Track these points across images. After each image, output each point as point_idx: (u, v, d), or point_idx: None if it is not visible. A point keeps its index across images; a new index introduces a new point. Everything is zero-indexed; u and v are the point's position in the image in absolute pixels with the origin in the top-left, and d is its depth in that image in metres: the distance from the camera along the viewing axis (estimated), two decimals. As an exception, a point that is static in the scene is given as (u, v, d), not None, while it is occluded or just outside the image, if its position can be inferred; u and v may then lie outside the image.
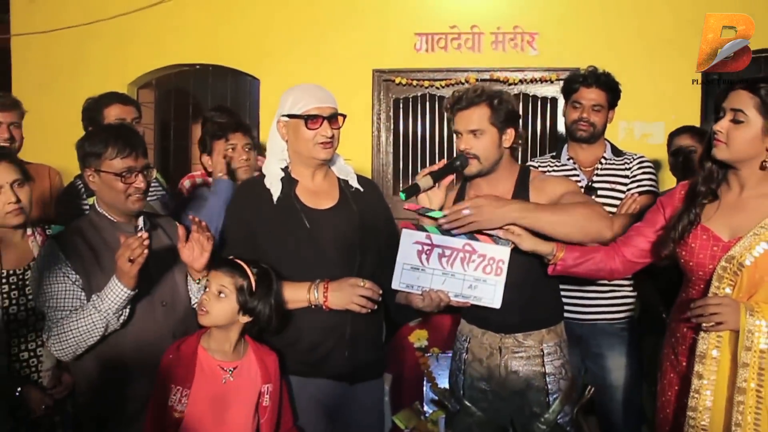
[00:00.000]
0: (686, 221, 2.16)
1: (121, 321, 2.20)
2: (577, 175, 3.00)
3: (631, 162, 3.01)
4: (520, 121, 2.57)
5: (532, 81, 5.10)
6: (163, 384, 2.14)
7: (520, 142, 2.51)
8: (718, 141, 2.08)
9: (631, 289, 2.97)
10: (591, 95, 2.98)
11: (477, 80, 5.10)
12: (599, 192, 2.94)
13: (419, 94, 5.26)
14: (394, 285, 2.35)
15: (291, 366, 2.37)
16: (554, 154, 3.18)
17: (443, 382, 3.30)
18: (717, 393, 2.05)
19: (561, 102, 5.11)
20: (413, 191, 2.37)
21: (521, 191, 2.46)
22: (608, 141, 3.11)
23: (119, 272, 2.12)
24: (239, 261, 2.22)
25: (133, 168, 2.29)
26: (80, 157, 2.34)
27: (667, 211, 2.28)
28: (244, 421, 2.19)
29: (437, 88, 5.19)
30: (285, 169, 2.45)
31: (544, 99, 5.19)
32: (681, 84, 4.78)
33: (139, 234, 2.14)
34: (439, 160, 5.23)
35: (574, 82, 3.03)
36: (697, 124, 4.25)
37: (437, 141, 5.31)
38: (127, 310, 2.22)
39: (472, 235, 2.33)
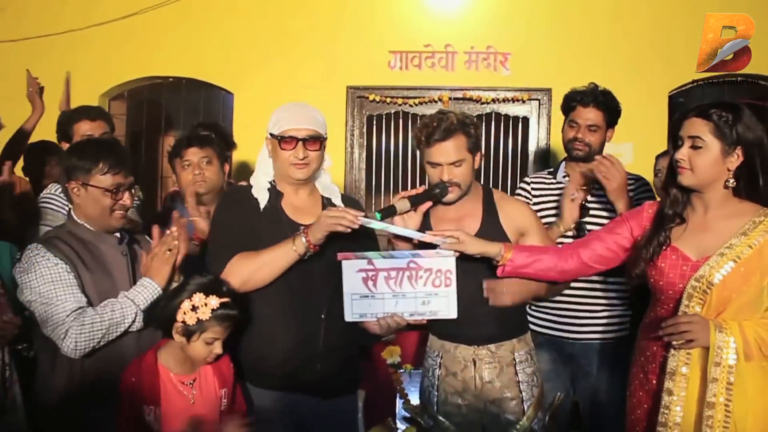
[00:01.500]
0: (656, 243, 2.21)
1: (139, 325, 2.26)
2: (572, 194, 2.93)
3: (633, 184, 2.97)
4: (491, 140, 2.62)
5: (505, 100, 5.17)
6: (131, 404, 2.13)
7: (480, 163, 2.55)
8: (683, 168, 2.15)
9: (624, 308, 2.94)
10: (588, 115, 2.94)
11: (450, 99, 5.16)
12: (591, 212, 2.91)
13: (393, 111, 5.30)
14: (347, 318, 2.33)
15: (263, 379, 2.38)
16: (551, 170, 3.18)
17: (416, 399, 3.31)
18: (686, 409, 2.10)
19: (532, 121, 5.20)
20: (389, 212, 2.36)
21: (490, 212, 2.51)
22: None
23: (153, 271, 2.25)
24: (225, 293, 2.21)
25: (122, 185, 2.31)
26: (66, 169, 2.33)
27: (632, 224, 2.33)
28: (213, 429, 2.21)
29: (411, 105, 5.23)
30: (272, 183, 2.49)
31: (516, 118, 5.25)
32: (649, 105, 4.91)
33: (169, 231, 2.25)
34: (412, 176, 5.31)
35: (572, 100, 2.99)
36: (665, 145, 4.34)
37: (410, 158, 5.34)
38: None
39: (414, 252, 2.34)
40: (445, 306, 2.32)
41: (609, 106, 2.98)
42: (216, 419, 2.23)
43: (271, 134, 2.42)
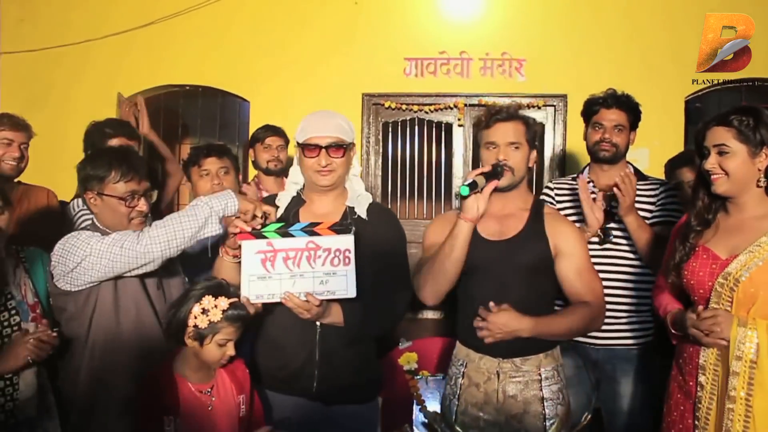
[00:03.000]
0: (683, 253, 2.27)
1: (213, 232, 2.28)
2: (588, 197, 2.91)
3: (657, 189, 2.98)
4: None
5: (520, 107, 5.15)
6: (150, 416, 2.13)
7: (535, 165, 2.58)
8: (716, 176, 2.19)
9: (649, 314, 2.91)
10: (612, 116, 2.97)
11: (465, 105, 5.16)
12: (616, 217, 2.88)
13: (408, 118, 5.31)
14: (244, 294, 2.31)
15: (265, 380, 2.43)
16: (575, 176, 3.17)
17: (433, 405, 3.31)
18: (717, 403, 2.12)
19: (548, 127, 5.19)
20: (474, 186, 2.30)
21: (536, 221, 2.49)
22: (631, 164, 3.07)
23: (240, 195, 2.29)
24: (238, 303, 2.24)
25: (136, 191, 2.33)
26: (81, 179, 2.36)
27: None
28: None
29: (426, 112, 5.24)
30: (299, 191, 2.53)
31: (532, 124, 5.23)
32: (665, 110, 4.88)
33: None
34: (428, 183, 5.32)
35: (594, 104, 3.02)
36: (681, 150, 4.32)
37: (425, 165, 5.35)
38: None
39: (312, 231, 2.32)
40: (344, 285, 2.30)
41: (631, 108, 3.01)
42: (235, 426, 2.24)
43: (297, 143, 2.44)
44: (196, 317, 2.16)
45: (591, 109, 3.03)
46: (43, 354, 2.21)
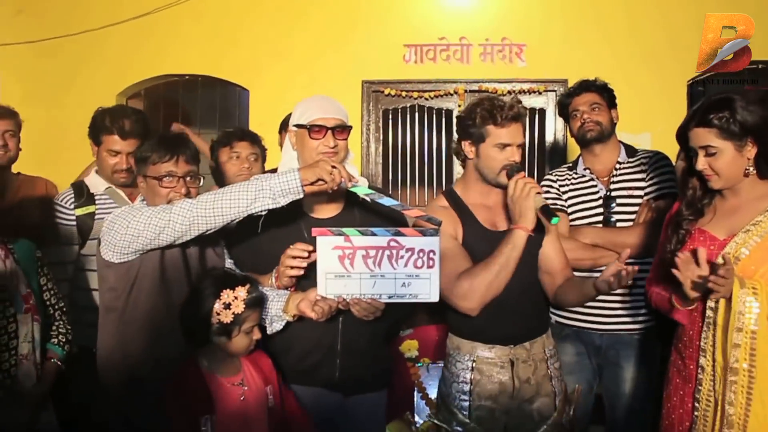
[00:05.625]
0: (676, 240, 2.28)
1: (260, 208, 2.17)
2: (595, 186, 2.99)
3: (646, 163, 2.99)
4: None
5: (521, 92, 5.13)
6: (185, 417, 2.09)
7: None
8: (709, 176, 2.20)
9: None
10: (584, 99, 3.00)
11: (466, 91, 5.14)
12: (618, 200, 2.93)
13: (408, 105, 5.29)
14: (320, 293, 2.24)
15: (283, 373, 2.38)
16: (569, 165, 3.17)
17: (433, 392, 3.31)
18: (717, 383, 2.12)
19: (549, 113, 5.16)
20: (550, 211, 2.25)
21: None
22: (622, 143, 3.10)
23: (304, 167, 2.16)
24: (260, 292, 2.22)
25: (174, 173, 2.31)
26: (134, 165, 2.42)
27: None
28: (263, 429, 2.21)
29: (426, 99, 5.22)
30: None
31: (532, 110, 5.21)
32: (667, 94, 4.87)
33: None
34: (429, 170, 5.31)
35: (567, 96, 3.08)
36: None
37: (426, 151, 5.34)
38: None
39: (396, 230, 2.23)
40: (427, 289, 2.21)
41: (599, 88, 3.04)
42: (264, 416, 2.22)
43: (297, 125, 2.40)
44: (219, 314, 2.11)
45: (564, 103, 3.09)
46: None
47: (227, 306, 2.12)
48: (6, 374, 2.30)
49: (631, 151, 3.06)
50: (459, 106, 5.18)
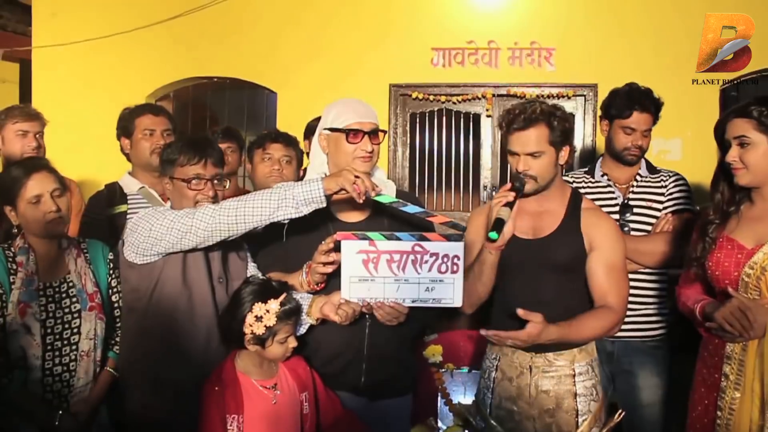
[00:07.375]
0: (703, 245, 2.24)
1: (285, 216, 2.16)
2: (612, 192, 2.97)
3: (666, 180, 2.96)
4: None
5: (549, 96, 5.08)
6: (214, 416, 2.12)
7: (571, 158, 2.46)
8: (737, 168, 2.15)
9: (664, 306, 2.92)
10: (644, 120, 2.90)
11: (494, 95, 5.11)
12: (635, 210, 2.91)
13: (436, 109, 5.28)
14: (344, 297, 2.23)
15: None
16: (587, 169, 3.12)
17: (457, 398, 3.29)
18: (743, 393, 2.10)
19: (578, 117, 5.11)
20: (501, 224, 2.19)
21: (573, 217, 2.40)
22: (646, 159, 3.04)
23: (328, 177, 2.15)
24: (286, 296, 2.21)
25: (201, 175, 2.31)
26: (160, 166, 2.41)
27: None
28: None
29: (454, 102, 5.20)
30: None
31: (561, 114, 5.15)
32: (698, 100, 4.78)
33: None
34: (456, 174, 5.28)
35: (627, 107, 2.91)
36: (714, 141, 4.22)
37: (453, 155, 5.32)
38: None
39: (420, 235, 2.22)
40: (450, 293, 2.21)
41: (658, 108, 2.96)
42: (298, 423, 2.22)
43: (331, 129, 2.36)
44: (251, 325, 2.14)
45: (621, 111, 2.92)
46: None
47: (258, 318, 2.14)
48: (65, 368, 2.33)
49: (651, 167, 3.03)
50: (487, 110, 5.15)
